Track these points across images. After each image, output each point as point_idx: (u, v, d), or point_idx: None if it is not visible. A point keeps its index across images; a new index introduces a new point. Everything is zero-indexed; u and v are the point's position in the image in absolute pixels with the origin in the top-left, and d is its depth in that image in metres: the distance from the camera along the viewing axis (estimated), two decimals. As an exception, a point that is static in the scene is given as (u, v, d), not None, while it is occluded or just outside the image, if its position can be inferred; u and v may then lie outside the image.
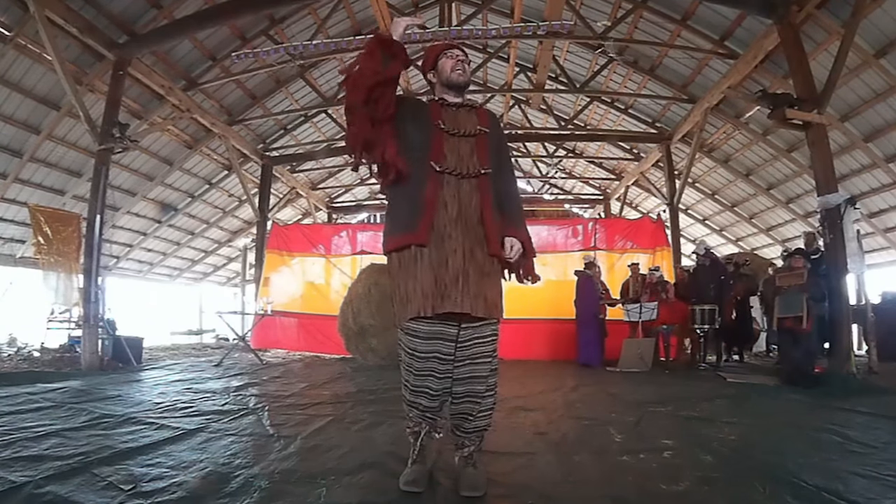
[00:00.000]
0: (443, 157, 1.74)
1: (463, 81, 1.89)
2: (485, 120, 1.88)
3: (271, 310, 7.74)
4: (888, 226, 8.74)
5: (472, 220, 1.73)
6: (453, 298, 1.63)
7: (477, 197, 1.75)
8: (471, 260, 1.69)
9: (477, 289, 1.66)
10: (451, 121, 1.80)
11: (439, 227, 1.69)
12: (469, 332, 1.70)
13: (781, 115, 5.06)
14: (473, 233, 1.72)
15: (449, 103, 1.87)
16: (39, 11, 5.33)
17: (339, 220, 13.77)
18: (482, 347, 1.71)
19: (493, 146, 1.85)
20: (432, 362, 1.68)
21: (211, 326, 12.05)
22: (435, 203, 1.70)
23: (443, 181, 1.72)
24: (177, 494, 1.64)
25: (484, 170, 1.78)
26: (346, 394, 3.94)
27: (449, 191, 1.72)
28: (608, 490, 1.73)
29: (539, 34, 6.77)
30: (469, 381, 1.71)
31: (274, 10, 7.47)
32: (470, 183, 1.75)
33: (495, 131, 1.91)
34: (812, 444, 2.38)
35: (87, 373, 5.13)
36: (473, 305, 1.64)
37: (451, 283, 1.64)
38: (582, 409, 3.38)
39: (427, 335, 1.67)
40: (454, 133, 1.78)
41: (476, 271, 1.68)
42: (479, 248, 1.71)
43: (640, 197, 14.06)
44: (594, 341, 6.30)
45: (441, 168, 1.72)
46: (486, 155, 1.80)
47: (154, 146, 9.10)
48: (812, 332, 4.71)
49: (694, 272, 6.49)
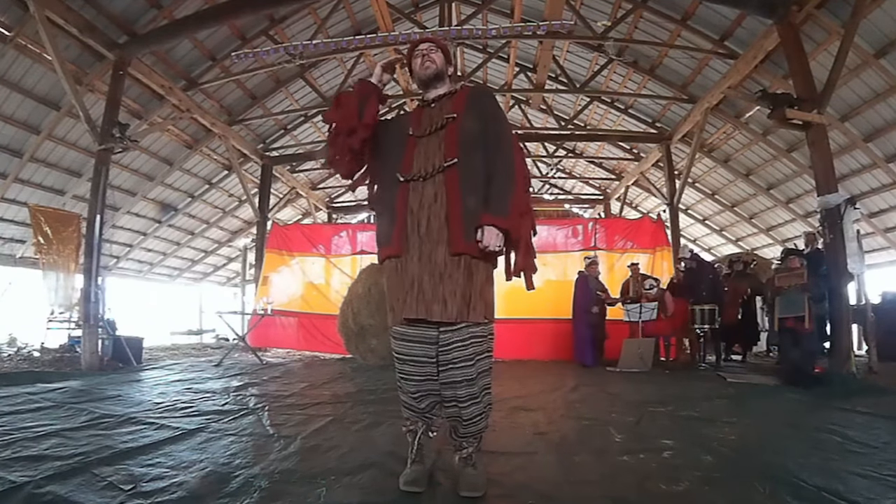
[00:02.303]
0: (409, 165, 1.74)
1: (424, 75, 1.87)
2: (460, 103, 1.78)
3: (271, 310, 7.74)
4: (888, 226, 8.74)
5: (437, 220, 1.66)
6: (408, 304, 1.64)
7: (442, 193, 1.66)
8: (426, 264, 1.64)
9: (433, 293, 1.61)
10: (424, 122, 1.80)
11: (410, 236, 1.70)
12: (447, 335, 1.64)
13: (781, 115, 5.06)
14: (437, 234, 1.65)
15: (429, 102, 1.86)
16: (39, 11, 5.33)
17: (339, 220, 13.77)
18: (461, 351, 1.63)
19: (466, 129, 1.72)
20: (409, 365, 1.71)
21: (211, 326, 12.05)
22: (403, 213, 1.70)
23: (408, 189, 1.71)
24: (177, 494, 1.64)
25: (447, 162, 1.68)
26: (346, 394, 3.94)
27: (414, 197, 1.70)
28: (608, 490, 1.73)
29: (539, 34, 6.77)
30: (451, 385, 1.66)
31: (274, 10, 7.47)
32: (434, 181, 1.69)
33: (474, 110, 1.76)
34: (812, 444, 2.38)
35: (87, 373, 5.13)
36: (429, 310, 1.61)
37: (408, 290, 1.66)
38: (582, 409, 3.37)
39: (405, 338, 1.71)
40: (423, 135, 1.77)
41: (431, 275, 1.62)
42: (439, 249, 1.64)
43: (640, 197, 14.06)
44: (587, 340, 6.31)
45: (406, 177, 1.72)
46: (453, 143, 1.69)
47: (154, 146, 9.10)
48: (812, 332, 4.71)
49: (684, 276, 6.50)
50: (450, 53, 1.99)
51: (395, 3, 7.69)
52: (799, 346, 4.66)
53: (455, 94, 1.85)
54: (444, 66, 1.90)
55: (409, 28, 8.06)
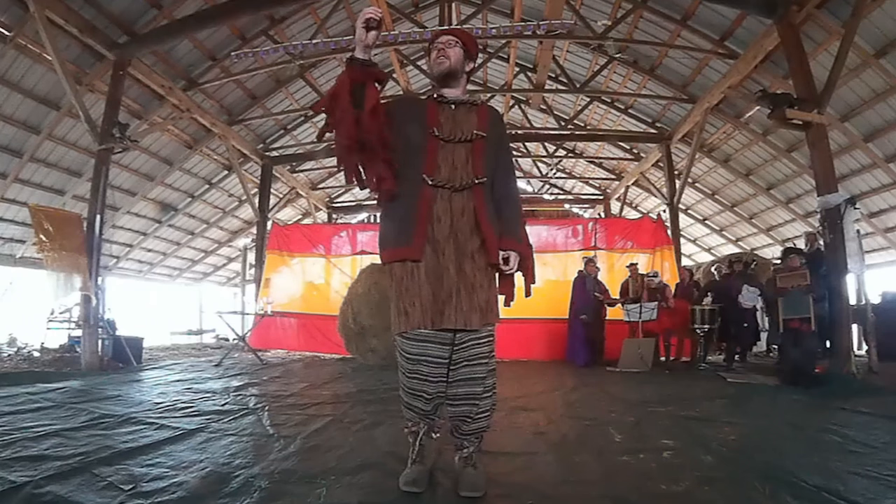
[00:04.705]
0: (436, 168, 1.69)
1: (440, 71, 1.77)
2: (484, 121, 1.78)
3: (271, 310, 7.74)
4: (888, 226, 8.74)
5: (464, 232, 1.69)
6: (447, 315, 1.64)
7: (470, 208, 1.70)
8: (461, 274, 1.67)
9: (469, 303, 1.66)
10: (447, 124, 1.73)
11: (433, 242, 1.68)
12: (464, 334, 1.69)
13: (781, 115, 5.05)
14: (465, 246, 1.69)
15: (446, 100, 1.78)
16: (39, 11, 5.33)
17: (339, 220, 13.77)
18: (479, 349, 1.70)
19: (490, 150, 1.77)
20: (424, 366, 1.67)
21: (211, 326, 12.05)
22: (428, 218, 1.67)
23: (436, 195, 1.69)
24: (177, 494, 1.64)
25: (478, 180, 1.72)
26: (346, 394, 3.94)
27: (441, 205, 1.69)
28: (608, 490, 1.73)
29: (539, 34, 6.77)
30: (467, 382, 1.69)
31: (274, 10, 7.47)
32: (463, 195, 1.70)
33: (495, 131, 1.81)
34: (812, 444, 2.38)
35: (87, 373, 5.13)
36: (467, 320, 1.65)
37: (446, 300, 1.65)
38: (582, 409, 3.37)
39: (421, 338, 1.67)
40: (449, 139, 1.72)
41: (467, 286, 1.67)
42: (468, 261, 1.69)
43: (640, 197, 14.06)
44: (580, 340, 6.32)
45: (434, 182, 1.68)
46: (481, 162, 1.74)
47: (154, 146, 9.10)
48: (814, 332, 4.71)
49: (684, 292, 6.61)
50: (473, 52, 1.85)
51: (395, 3, 7.69)
52: (800, 346, 4.66)
53: (477, 107, 1.81)
54: (459, 64, 1.79)
55: (409, 28, 8.06)
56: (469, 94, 1.87)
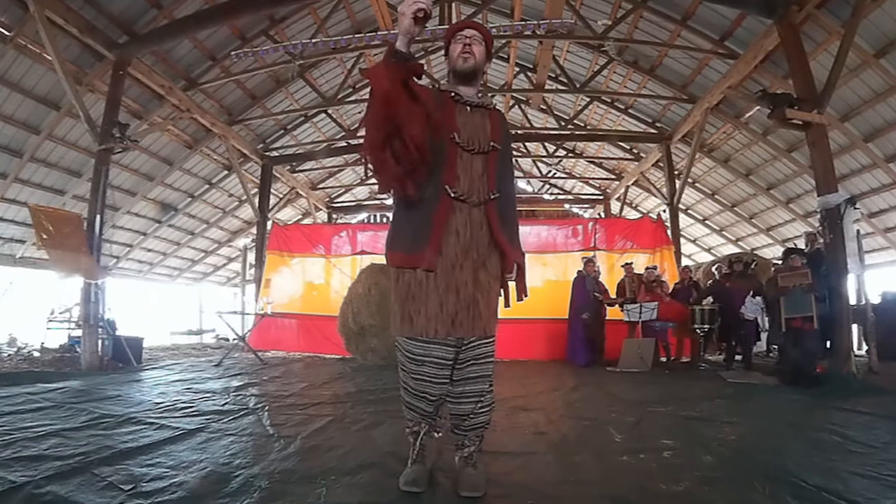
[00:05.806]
0: (455, 179, 1.66)
1: (464, 69, 1.71)
2: (497, 130, 1.76)
3: (271, 310, 7.74)
4: (888, 226, 8.74)
5: (480, 245, 1.71)
6: (464, 326, 1.66)
7: (487, 223, 1.72)
8: (477, 285, 1.69)
9: (487, 311, 1.71)
10: (464, 130, 1.69)
11: (448, 254, 1.66)
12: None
13: (781, 115, 5.05)
14: (481, 259, 1.72)
15: (463, 101, 1.73)
16: (39, 11, 5.33)
17: (339, 220, 13.77)
18: (486, 348, 1.75)
19: (500, 165, 1.77)
20: (429, 367, 1.67)
21: (211, 326, 12.05)
22: (446, 229, 1.65)
23: (455, 207, 1.66)
24: (177, 494, 1.64)
25: (493, 195, 1.73)
26: (346, 394, 3.94)
27: (460, 218, 1.67)
28: (608, 490, 1.73)
29: (539, 34, 6.77)
30: (475, 380, 1.73)
31: (274, 10, 7.47)
32: (480, 210, 1.71)
33: (504, 144, 1.80)
34: (812, 444, 2.38)
35: (87, 373, 5.13)
36: (487, 327, 1.71)
37: (461, 311, 1.65)
38: (582, 409, 3.38)
39: (429, 340, 1.66)
40: (469, 149, 1.69)
41: (484, 297, 1.70)
42: (482, 272, 1.72)
43: (640, 197, 14.06)
44: (580, 340, 6.32)
45: (455, 194, 1.66)
46: (494, 176, 1.74)
47: (154, 146, 9.09)
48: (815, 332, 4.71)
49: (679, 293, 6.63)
50: (491, 51, 1.84)
51: (395, 3, 7.69)
52: (800, 346, 4.66)
53: (490, 112, 1.78)
54: (483, 62, 1.76)
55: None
56: (481, 94, 1.83)
